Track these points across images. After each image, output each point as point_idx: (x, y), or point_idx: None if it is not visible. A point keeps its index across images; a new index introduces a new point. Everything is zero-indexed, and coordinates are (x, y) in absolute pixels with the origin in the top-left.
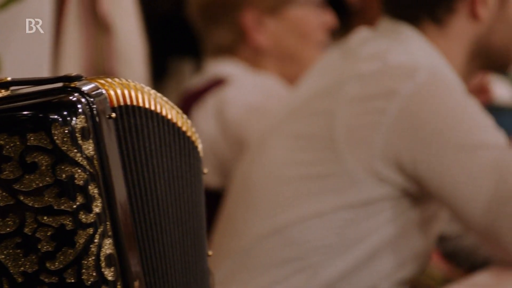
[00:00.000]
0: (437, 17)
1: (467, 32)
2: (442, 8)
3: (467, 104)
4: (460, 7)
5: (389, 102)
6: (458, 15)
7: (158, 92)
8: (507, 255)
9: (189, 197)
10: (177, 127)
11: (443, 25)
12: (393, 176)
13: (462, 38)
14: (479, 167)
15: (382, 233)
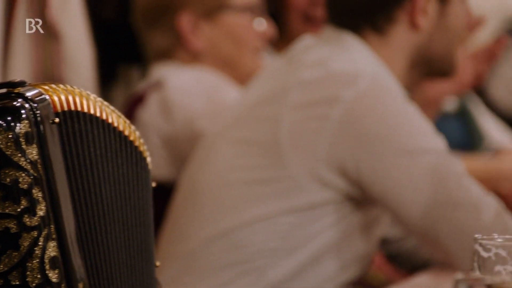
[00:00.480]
0: (377, 26)
1: (408, 41)
2: (382, 17)
3: (408, 110)
4: (400, 17)
5: (332, 108)
6: (398, 25)
7: (107, 98)
8: (446, 257)
9: (135, 203)
10: (123, 135)
11: (383, 34)
12: (336, 181)
13: (403, 46)
14: (419, 172)
15: (325, 237)
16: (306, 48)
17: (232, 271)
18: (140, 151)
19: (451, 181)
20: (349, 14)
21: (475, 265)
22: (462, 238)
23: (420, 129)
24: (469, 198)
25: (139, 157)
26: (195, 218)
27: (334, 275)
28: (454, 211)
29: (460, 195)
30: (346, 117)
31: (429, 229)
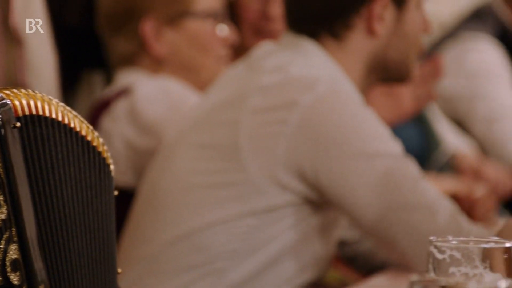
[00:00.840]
0: (335, 33)
1: (365, 47)
2: (340, 24)
3: (365, 114)
4: (357, 24)
5: (290, 112)
6: (355, 31)
7: (69, 103)
8: (403, 259)
9: (98, 208)
10: (86, 141)
11: (341, 40)
12: (295, 184)
13: (360, 52)
14: (375, 175)
15: (284, 239)
16: (266, 54)
17: (193, 273)
18: (103, 157)
19: (407, 184)
20: (307, 20)
21: (430, 266)
22: (417, 240)
23: (377, 133)
24: (425, 201)
25: (102, 163)
26: (156, 221)
27: (292, 276)
28: (409, 214)
29: (416, 198)
30: (304, 121)
31: (385, 232)
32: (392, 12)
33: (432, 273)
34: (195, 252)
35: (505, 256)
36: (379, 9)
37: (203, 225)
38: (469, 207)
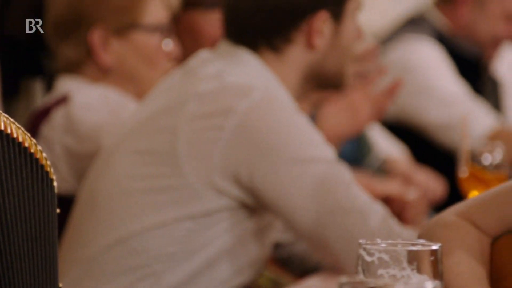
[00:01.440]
0: (275, 46)
1: (303, 59)
2: (280, 38)
3: (299, 121)
4: (297, 38)
5: (226, 119)
6: (294, 45)
7: (10, 112)
8: (336, 261)
9: (40, 217)
10: (29, 152)
11: (280, 53)
12: (231, 189)
13: (298, 64)
14: (309, 180)
15: (220, 242)
16: (202, 62)
17: (131, 276)
18: (46, 171)
19: (340, 189)
20: (247, 33)
21: (359, 269)
22: (350, 243)
23: (311, 139)
24: (357, 205)
25: (45, 175)
26: (95, 225)
27: (228, 278)
28: (342, 218)
29: (349, 202)
30: (240, 127)
31: (319, 235)
32: (330, 26)
33: (361, 275)
34: (134, 255)
35: (432, 258)
36: (319, 24)
37: (141, 228)
38: (400, 210)
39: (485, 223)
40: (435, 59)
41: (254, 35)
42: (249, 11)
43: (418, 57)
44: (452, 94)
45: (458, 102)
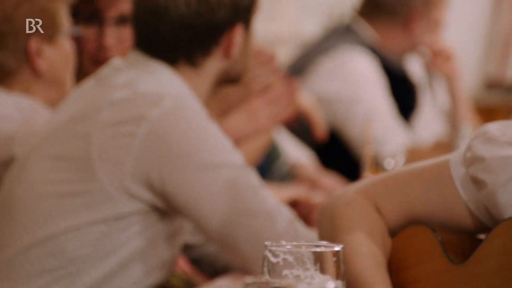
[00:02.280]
0: (193, 61)
1: (218, 68)
2: (200, 53)
3: (209, 128)
4: (216, 51)
5: (138, 126)
6: (213, 57)
7: None
8: (245, 262)
9: None
10: None
11: (197, 66)
12: (143, 193)
13: (212, 73)
14: (219, 184)
15: (133, 244)
16: (115, 71)
17: (48, 277)
18: None
19: (248, 193)
20: (167, 49)
21: (265, 269)
22: (258, 245)
23: (220, 145)
24: (265, 208)
25: None
26: (12, 228)
27: (140, 279)
28: (251, 220)
29: (256, 205)
30: (151, 134)
31: (228, 237)
32: (242, 35)
33: (267, 276)
34: (50, 257)
35: (334, 259)
36: (236, 37)
37: (57, 231)
38: (307, 213)
39: (387, 208)
40: (369, 73)
41: (174, 51)
42: (173, 33)
43: (355, 68)
44: (378, 109)
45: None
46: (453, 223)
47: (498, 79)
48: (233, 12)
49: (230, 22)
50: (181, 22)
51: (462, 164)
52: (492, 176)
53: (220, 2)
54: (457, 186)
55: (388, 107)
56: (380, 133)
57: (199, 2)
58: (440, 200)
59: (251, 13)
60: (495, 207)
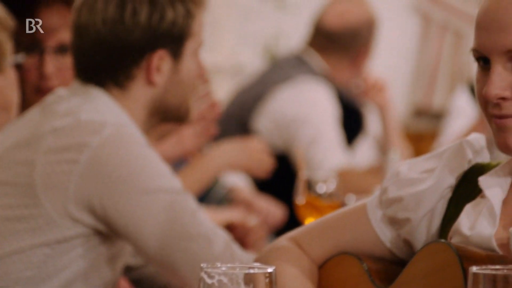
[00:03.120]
0: (118, 83)
1: (145, 95)
2: (123, 75)
3: (148, 154)
4: (138, 75)
5: (80, 153)
6: (136, 81)
7: None
8: (183, 283)
9: None
10: None
11: (124, 89)
12: (85, 218)
13: (141, 99)
14: (157, 208)
15: (76, 266)
16: (58, 99)
17: None
18: None
19: (186, 216)
20: (93, 71)
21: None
22: (195, 267)
23: (159, 171)
24: (202, 231)
25: None
26: None
27: None
28: (188, 243)
29: (194, 228)
30: (93, 160)
31: (167, 259)
32: (169, 63)
33: None
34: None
35: (267, 280)
36: (156, 62)
37: (2, 254)
38: (242, 236)
39: (312, 249)
40: (325, 99)
41: (100, 73)
42: (93, 51)
43: (312, 95)
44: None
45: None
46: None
47: (425, 107)
48: (151, 35)
49: (149, 46)
50: (99, 39)
51: (379, 206)
52: (412, 213)
53: (136, 23)
54: (375, 228)
55: (335, 134)
56: (320, 158)
57: (114, 21)
58: (359, 243)
59: (178, 41)
60: (415, 240)
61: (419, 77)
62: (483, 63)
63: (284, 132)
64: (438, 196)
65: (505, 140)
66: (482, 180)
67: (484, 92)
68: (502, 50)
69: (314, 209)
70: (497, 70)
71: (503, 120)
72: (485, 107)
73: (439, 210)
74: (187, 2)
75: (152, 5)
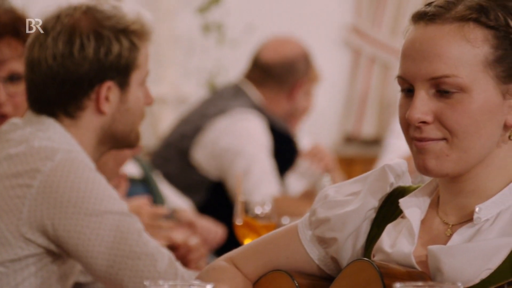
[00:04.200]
0: (69, 113)
1: (95, 123)
2: (73, 106)
3: (96, 179)
4: (88, 105)
5: (34, 178)
6: (87, 111)
7: None
8: None
9: None
10: None
11: (75, 119)
12: (38, 238)
13: (92, 127)
14: (105, 229)
15: (29, 284)
16: (13, 127)
17: None
18: None
19: (132, 236)
20: (45, 102)
21: None
22: (141, 284)
23: (106, 194)
24: (147, 250)
25: None
26: None
27: None
28: (134, 261)
29: (140, 247)
30: (45, 185)
31: (114, 276)
32: (117, 93)
33: None
34: None
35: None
36: (105, 92)
37: None
38: (185, 254)
39: (246, 268)
40: (258, 130)
41: (51, 105)
42: (45, 84)
43: (242, 126)
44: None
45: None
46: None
47: (355, 134)
48: (98, 68)
49: (97, 78)
50: (50, 73)
51: (308, 227)
52: (338, 233)
53: (84, 57)
54: (305, 247)
55: (268, 163)
56: (254, 184)
57: (64, 56)
58: (291, 261)
59: (124, 73)
60: (341, 258)
61: (349, 106)
62: (407, 89)
63: (219, 162)
64: (362, 217)
65: (424, 162)
66: (402, 202)
67: (407, 115)
68: (426, 78)
69: (251, 229)
70: (420, 96)
71: (423, 143)
72: (407, 130)
73: (363, 230)
74: (132, 36)
75: (98, 40)
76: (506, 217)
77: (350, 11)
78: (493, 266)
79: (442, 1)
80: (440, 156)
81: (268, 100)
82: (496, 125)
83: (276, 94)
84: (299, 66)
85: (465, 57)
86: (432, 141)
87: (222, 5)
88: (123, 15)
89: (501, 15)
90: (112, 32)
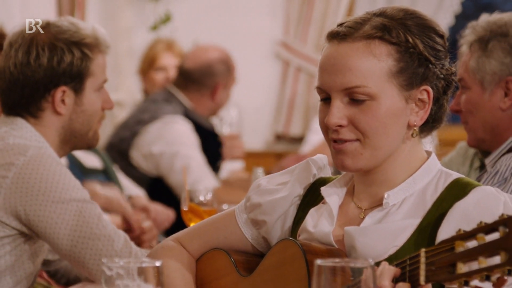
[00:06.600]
0: (32, 113)
1: (55, 122)
2: (35, 107)
3: (62, 172)
4: (47, 107)
5: (8, 171)
6: (47, 112)
7: None
8: (90, 275)
9: None
10: None
11: (38, 118)
12: (12, 222)
13: (53, 127)
14: (69, 214)
15: (4, 261)
16: None
17: None
18: None
19: (93, 220)
20: (13, 105)
21: (103, 280)
22: (100, 262)
23: (71, 184)
24: (105, 232)
25: None
26: None
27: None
28: (94, 241)
29: (99, 230)
30: (18, 176)
31: (77, 255)
32: (71, 96)
33: (104, 285)
34: None
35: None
36: (60, 96)
37: None
38: (139, 235)
39: (191, 247)
40: (186, 132)
41: (17, 107)
42: (9, 90)
43: (174, 130)
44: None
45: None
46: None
47: (284, 133)
48: (52, 74)
49: (52, 83)
50: (12, 80)
51: (244, 211)
52: (269, 216)
53: (40, 65)
54: (241, 228)
55: (200, 159)
56: (194, 179)
57: (23, 64)
58: (229, 240)
59: (77, 79)
60: (272, 237)
61: (280, 109)
62: (325, 98)
63: (156, 164)
64: (289, 203)
65: (341, 161)
66: (323, 190)
67: (326, 121)
68: (340, 88)
69: (196, 214)
70: (336, 104)
71: (340, 145)
72: (326, 133)
73: (290, 214)
74: (83, 47)
75: (52, 50)
76: (410, 202)
77: (280, 29)
78: (399, 244)
79: (352, 22)
80: (355, 155)
81: (194, 102)
82: (401, 126)
83: (200, 96)
84: (216, 69)
85: (373, 70)
86: (348, 142)
87: (171, 23)
88: (78, 29)
89: (401, 33)
90: (65, 44)
